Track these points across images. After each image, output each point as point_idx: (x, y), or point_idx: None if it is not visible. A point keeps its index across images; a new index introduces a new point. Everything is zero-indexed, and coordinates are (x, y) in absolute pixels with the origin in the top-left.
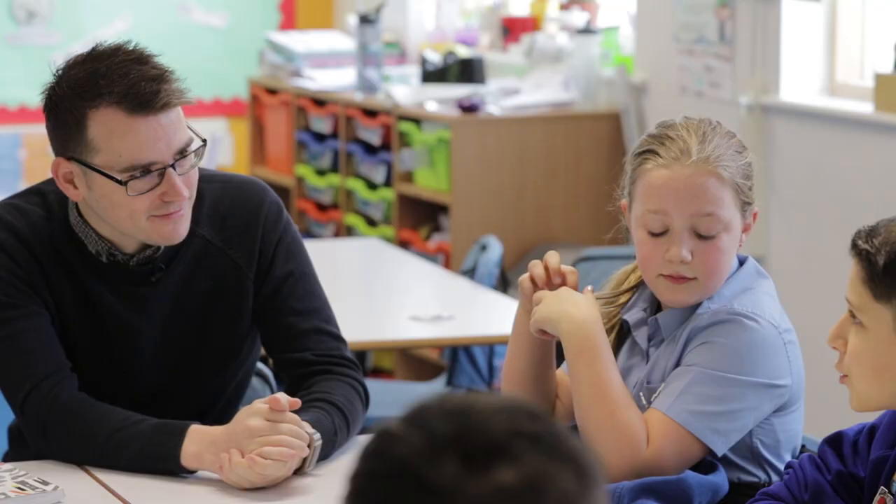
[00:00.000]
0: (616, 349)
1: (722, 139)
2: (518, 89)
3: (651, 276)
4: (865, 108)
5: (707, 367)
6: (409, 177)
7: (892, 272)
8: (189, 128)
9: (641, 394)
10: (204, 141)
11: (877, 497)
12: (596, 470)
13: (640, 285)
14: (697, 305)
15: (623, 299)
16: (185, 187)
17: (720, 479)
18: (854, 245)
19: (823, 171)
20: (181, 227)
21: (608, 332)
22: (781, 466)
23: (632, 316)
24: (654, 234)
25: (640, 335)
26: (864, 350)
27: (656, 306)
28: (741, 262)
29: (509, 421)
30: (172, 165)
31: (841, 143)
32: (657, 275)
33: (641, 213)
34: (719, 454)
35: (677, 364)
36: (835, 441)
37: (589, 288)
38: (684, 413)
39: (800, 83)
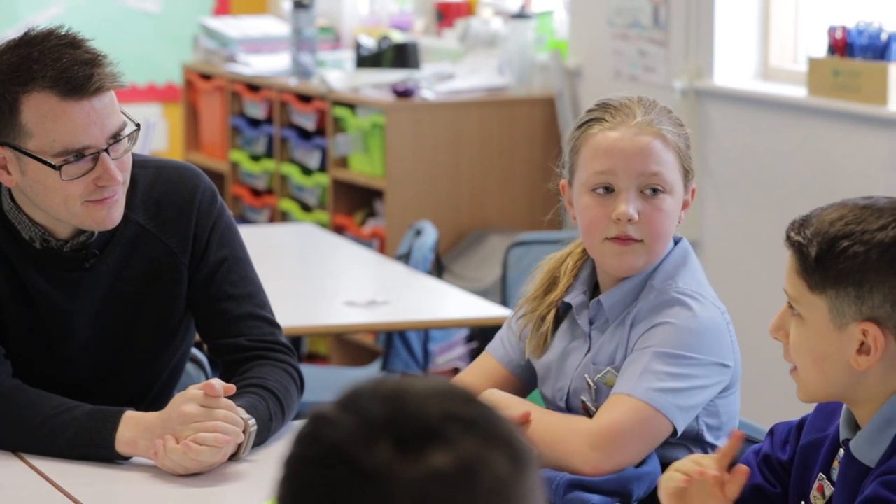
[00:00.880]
0: (552, 332)
1: (661, 110)
2: (452, 74)
3: (597, 242)
4: (799, 92)
5: (662, 346)
6: (343, 162)
7: (824, 263)
8: (122, 112)
9: (586, 375)
10: (137, 125)
11: (815, 483)
12: (530, 454)
13: (579, 272)
14: (641, 288)
15: (564, 284)
16: (120, 172)
17: (654, 466)
18: (788, 237)
19: (757, 156)
20: (115, 212)
21: (544, 316)
22: (721, 446)
23: (573, 299)
24: (600, 196)
25: (582, 318)
26: (804, 341)
27: (594, 289)
28: (676, 242)
29: (443, 405)
30: (106, 150)
31: (774, 128)
32: (603, 239)
33: (587, 176)
34: (679, 432)
35: (627, 346)
36: (772, 430)
37: None
38: (649, 392)
39: (733, 67)
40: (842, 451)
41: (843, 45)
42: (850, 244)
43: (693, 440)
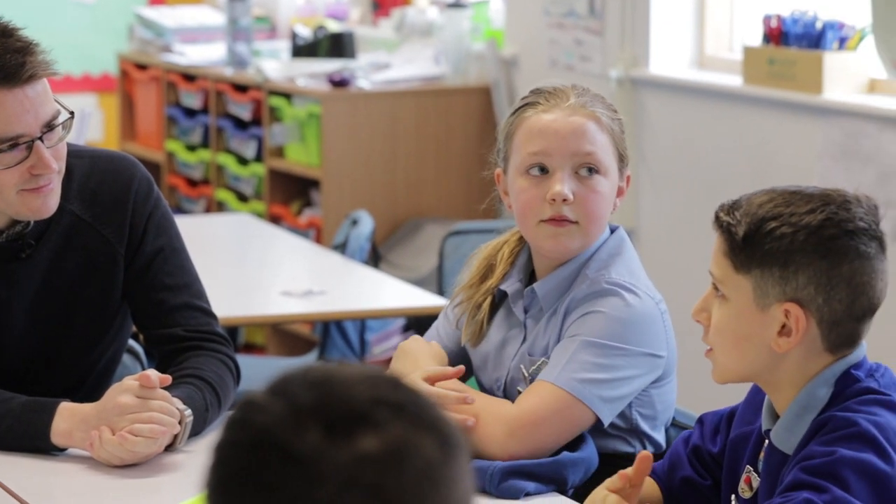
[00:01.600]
0: (489, 320)
1: (595, 96)
2: (388, 64)
3: (532, 225)
4: (734, 80)
5: (591, 336)
6: (279, 152)
7: (751, 243)
8: (56, 100)
9: (522, 365)
10: (71, 113)
11: (743, 476)
12: (459, 439)
13: (515, 260)
14: (575, 277)
15: (500, 271)
16: (54, 160)
17: (590, 452)
18: (716, 218)
19: (693, 144)
20: (51, 201)
21: (480, 303)
22: (658, 437)
23: (509, 286)
24: (535, 178)
25: (517, 306)
26: (726, 322)
27: (530, 277)
28: (612, 230)
29: (372, 390)
30: (40, 138)
31: (710, 116)
32: (538, 222)
33: (521, 158)
34: (606, 423)
35: (560, 336)
36: (701, 420)
37: None
38: (572, 381)
39: (669, 56)
40: (766, 442)
41: (777, 34)
42: (777, 225)
43: (629, 431)
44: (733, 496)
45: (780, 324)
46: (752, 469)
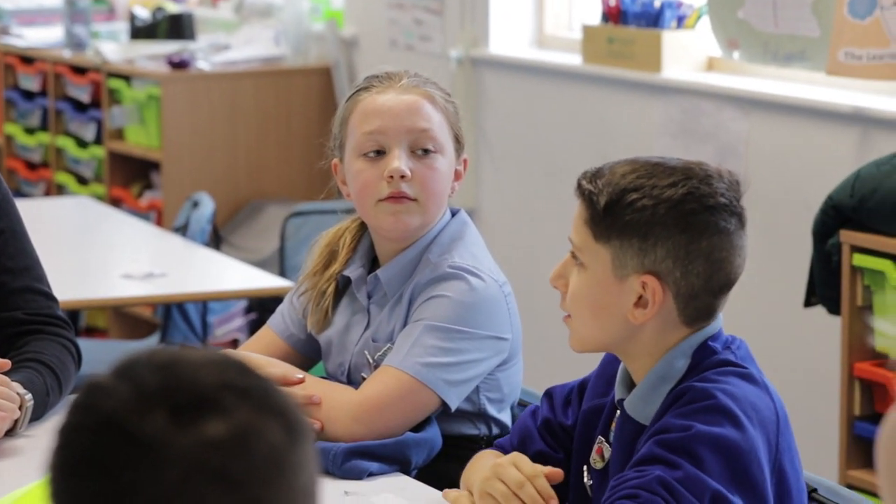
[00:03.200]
0: (334, 307)
1: (428, 79)
2: (228, 45)
3: (370, 205)
4: (574, 59)
5: (435, 320)
6: (119, 134)
7: (612, 213)
8: None
9: (366, 351)
10: None
11: (595, 446)
12: (304, 424)
13: (357, 245)
14: (417, 262)
15: (343, 257)
16: None
17: (434, 433)
18: (579, 185)
19: (533, 123)
20: None
21: (325, 290)
22: (504, 419)
23: (352, 272)
24: (371, 159)
25: (361, 292)
26: (583, 290)
27: (373, 263)
28: (453, 214)
29: (218, 374)
30: None
31: (550, 95)
32: (377, 201)
33: (357, 141)
34: (453, 408)
35: (405, 322)
36: (549, 393)
37: None
38: (416, 365)
39: (509, 36)
40: (618, 412)
41: (616, 13)
42: (638, 197)
43: (476, 415)
44: (585, 467)
45: (636, 295)
46: (603, 440)
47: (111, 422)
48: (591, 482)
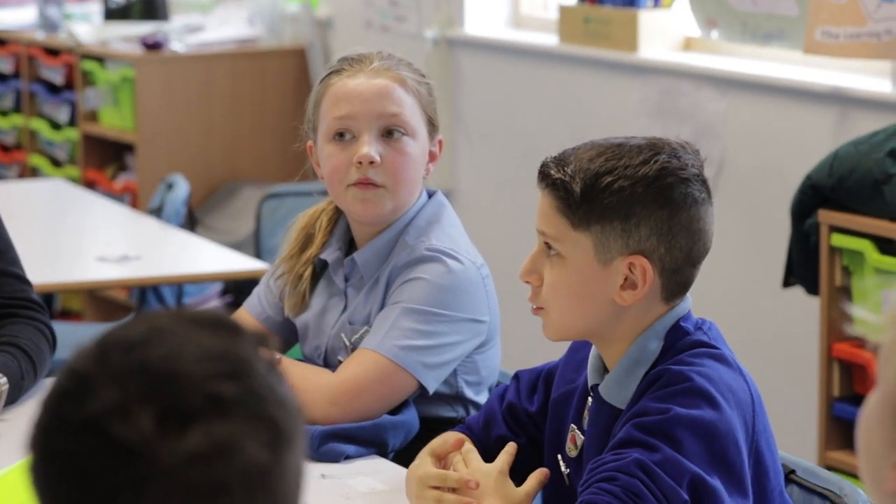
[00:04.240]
0: (311, 290)
1: (401, 60)
2: (202, 26)
3: (340, 190)
4: (550, 39)
5: (412, 302)
6: (93, 116)
7: (589, 199)
8: None
9: (343, 334)
10: None
11: (568, 434)
12: (294, 428)
13: (333, 228)
14: (394, 245)
15: (319, 240)
16: None
17: (411, 416)
18: (545, 175)
19: (509, 104)
20: None
21: (301, 273)
22: (482, 402)
23: (329, 255)
24: (341, 143)
25: (338, 275)
26: (563, 280)
27: (350, 246)
28: (430, 196)
29: (208, 379)
30: None
31: (526, 76)
32: (346, 186)
33: (328, 125)
34: (431, 391)
35: (383, 305)
36: (517, 376)
37: None
38: (394, 349)
39: (485, 16)
40: (591, 398)
41: None
42: (614, 179)
43: (454, 397)
44: (559, 456)
45: (623, 277)
46: (576, 428)
47: (97, 425)
48: (568, 470)
